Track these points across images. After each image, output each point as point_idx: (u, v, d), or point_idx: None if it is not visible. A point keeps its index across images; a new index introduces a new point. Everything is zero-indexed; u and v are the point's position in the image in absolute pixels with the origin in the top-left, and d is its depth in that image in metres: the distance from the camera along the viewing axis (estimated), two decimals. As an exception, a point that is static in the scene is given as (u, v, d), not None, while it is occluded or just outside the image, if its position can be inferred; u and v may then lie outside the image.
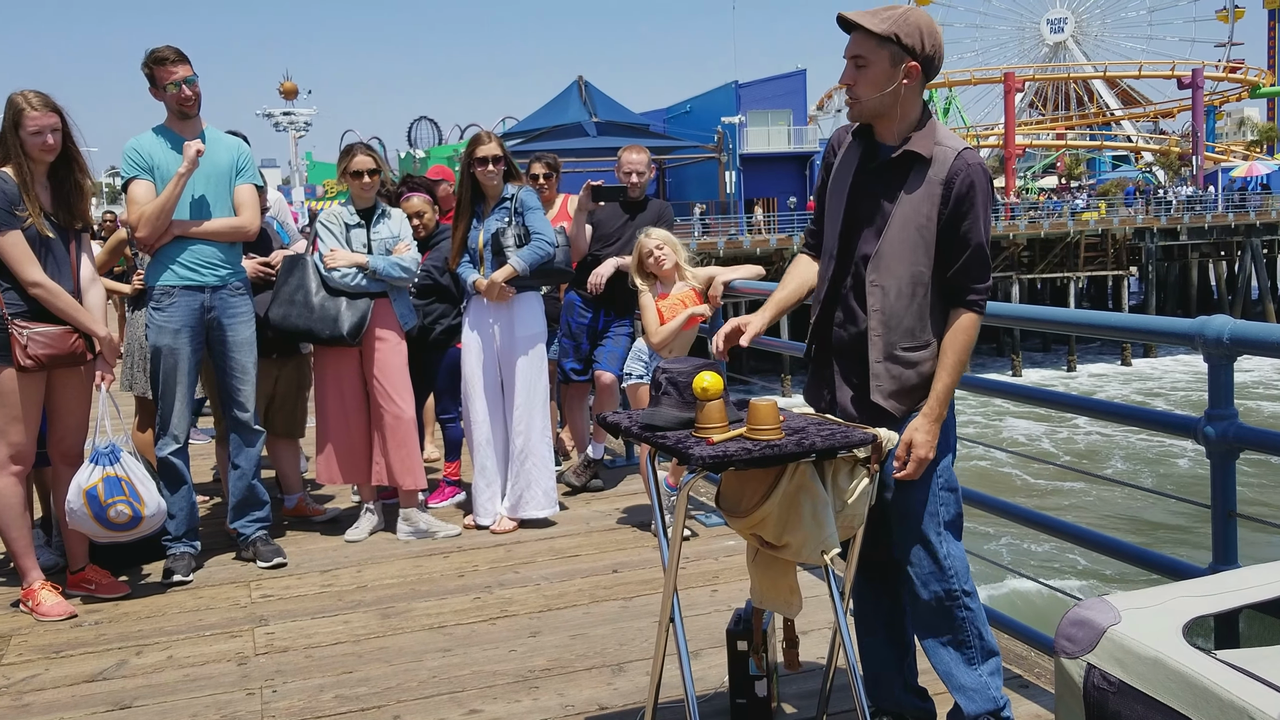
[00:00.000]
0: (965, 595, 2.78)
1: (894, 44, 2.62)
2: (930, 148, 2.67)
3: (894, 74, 2.65)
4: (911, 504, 2.76)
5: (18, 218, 4.21)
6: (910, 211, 2.67)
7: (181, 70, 4.63)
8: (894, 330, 2.70)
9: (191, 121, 4.74)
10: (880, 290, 2.70)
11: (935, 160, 2.66)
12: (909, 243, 2.67)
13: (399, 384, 5.20)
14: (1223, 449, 2.92)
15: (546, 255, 5.21)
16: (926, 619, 2.82)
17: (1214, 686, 1.62)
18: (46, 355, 4.27)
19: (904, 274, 2.68)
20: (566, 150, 32.76)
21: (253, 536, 5.00)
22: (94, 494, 4.29)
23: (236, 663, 3.83)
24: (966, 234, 2.66)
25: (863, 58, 2.65)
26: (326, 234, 5.19)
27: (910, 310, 2.69)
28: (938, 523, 2.76)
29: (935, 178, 2.65)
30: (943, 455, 2.77)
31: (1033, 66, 79.85)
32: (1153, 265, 41.92)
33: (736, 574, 4.50)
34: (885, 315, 2.70)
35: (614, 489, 6.12)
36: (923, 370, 2.73)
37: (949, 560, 2.76)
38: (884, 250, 2.69)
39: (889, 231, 2.69)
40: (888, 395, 2.72)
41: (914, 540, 2.77)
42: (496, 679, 3.59)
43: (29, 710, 3.49)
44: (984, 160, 2.75)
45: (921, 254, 2.67)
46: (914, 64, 2.65)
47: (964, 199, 2.64)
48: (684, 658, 2.68)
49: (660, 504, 2.91)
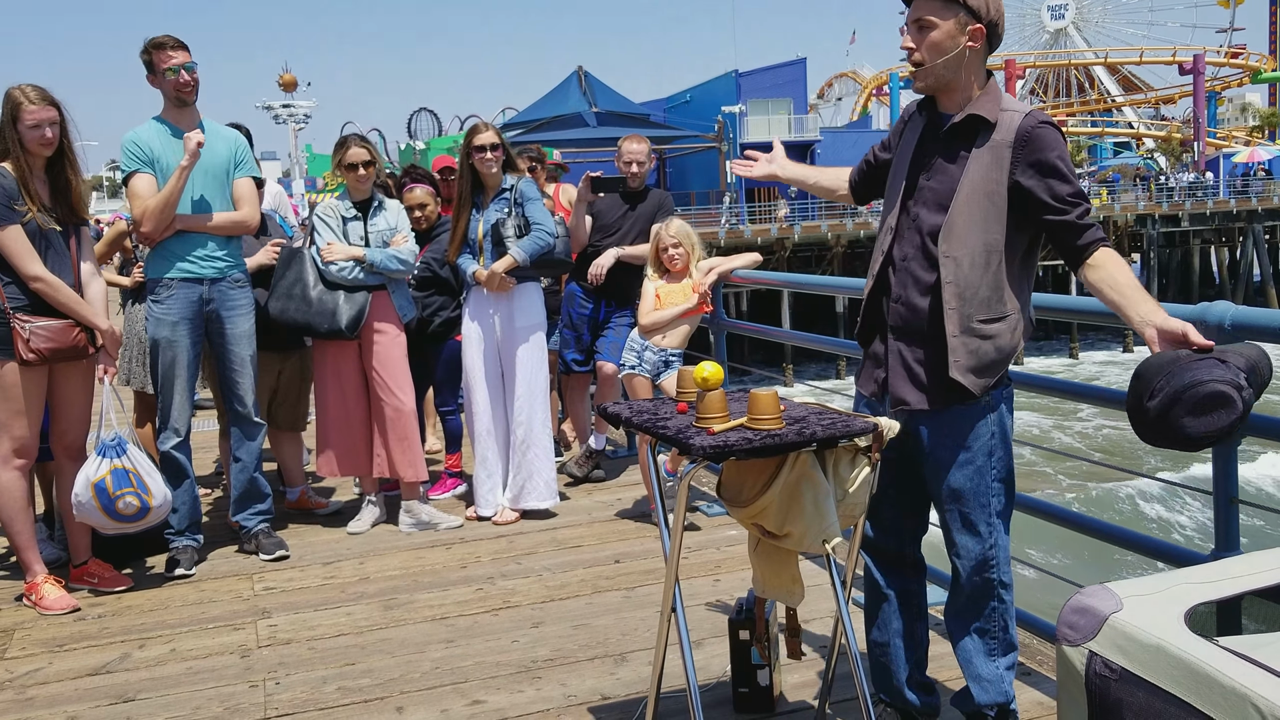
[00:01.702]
0: (1002, 588, 2.77)
1: (960, 5, 2.55)
2: (996, 112, 2.60)
3: (958, 38, 2.58)
4: (966, 496, 2.72)
5: (17, 212, 4.20)
6: (979, 178, 2.59)
7: (180, 56, 4.62)
8: (969, 302, 2.60)
9: (189, 111, 4.72)
10: (953, 261, 2.60)
11: (1001, 125, 2.58)
12: (980, 210, 2.59)
13: (399, 376, 5.20)
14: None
15: (547, 246, 5.20)
16: (960, 605, 2.82)
17: (1216, 673, 1.62)
18: (49, 349, 4.27)
19: (977, 243, 2.59)
20: (567, 141, 32.70)
21: (255, 529, 5.00)
22: (102, 486, 4.30)
23: (239, 655, 3.83)
24: (1054, 185, 2.55)
25: (927, 20, 2.58)
26: (323, 227, 5.17)
27: (985, 280, 2.60)
28: (989, 513, 2.73)
29: (1003, 141, 2.57)
30: (999, 446, 2.72)
31: (1033, 53, 79.60)
32: (1154, 252, 41.81)
33: (738, 563, 4.51)
34: (960, 287, 2.60)
35: (616, 479, 6.12)
36: (1000, 344, 2.63)
37: (994, 551, 2.74)
38: (954, 219, 2.60)
39: (958, 200, 2.60)
40: (966, 370, 2.61)
41: (964, 532, 2.74)
42: (499, 669, 3.59)
43: (33, 704, 3.50)
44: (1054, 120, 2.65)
45: (994, 221, 2.59)
46: (979, 26, 2.58)
47: (1041, 156, 2.54)
48: (686, 647, 2.68)
49: (661, 494, 2.90)
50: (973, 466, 2.71)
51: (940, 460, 2.72)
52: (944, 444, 2.69)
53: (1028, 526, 2.89)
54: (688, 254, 4.98)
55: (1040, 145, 2.55)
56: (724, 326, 5.91)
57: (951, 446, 2.69)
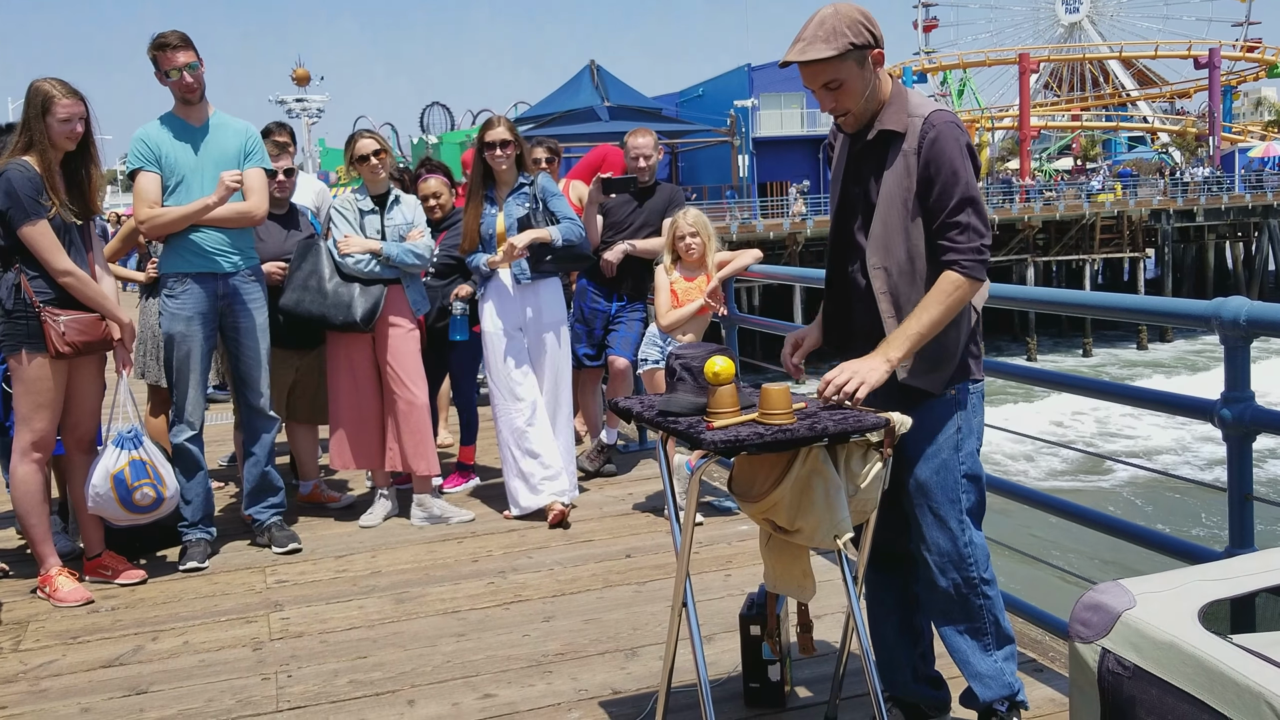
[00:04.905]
0: (984, 583, 2.77)
1: (853, 50, 2.59)
2: (904, 121, 2.66)
3: (866, 73, 2.64)
4: (932, 490, 2.74)
5: (44, 206, 4.21)
6: (894, 188, 2.66)
7: (183, 56, 4.61)
8: (904, 309, 2.67)
9: (198, 108, 4.73)
10: (884, 272, 2.69)
11: (909, 132, 2.65)
12: (899, 219, 2.66)
13: (412, 370, 5.20)
14: (1239, 431, 2.89)
15: (581, 236, 5.21)
16: (943, 606, 2.82)
17: (1230, 671, 1.61)
18: (82, 341, 4.29)
19: (901, 251, 2.67)
20: (579, 135, 32.64)
21: (268, 522, 5.02)
22: (121, 478, 4.34)
23: (252, 648, 3.85)
24: (942, 192, 2.61)
25: (834, 80, 2.63)
26: (340, 220, 5.19)
27: (915, 286, 2.67)
28: (959, 510, 2.75)
29: (910, 148, 2.64)
30: (966, 442, 2.75)
31: (1048, 47, 79.23)
32: (1169, 247, 41.61)
33: (749, 558, 4.50)
34: (893, 295, 2.69)
35: (627, 474, 6.12)
36: (944, 340, 2.68)
37: (969, 548, 2.75)
38: (877, 232, 2.69)
39: (879, 212, 2.68)
40: (916, 374, 2.69)
41: (934, 527, 2.76)
42: (510, 663, 3.60)
43: (46, 695, 3.52)
44: (955, 115, 2.70)
45: (913, 228, 2.66)
46: (876, 52, 2.64)
47: (932, 160, 2.61)
48: (697, 642, 2.68)
49: (674, 489, 2.90)
50: (938, 459, 2.74)
51: (907, 454, 2.75)
52: (911, 438, 2.71)
53: (1038, 522, 2.88)
54: (704, 244, 4.99)
55: (934, 149, 2.61)
56: (735, 321, 5.90)
57: (917, 440, 2.72)
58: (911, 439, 2.71)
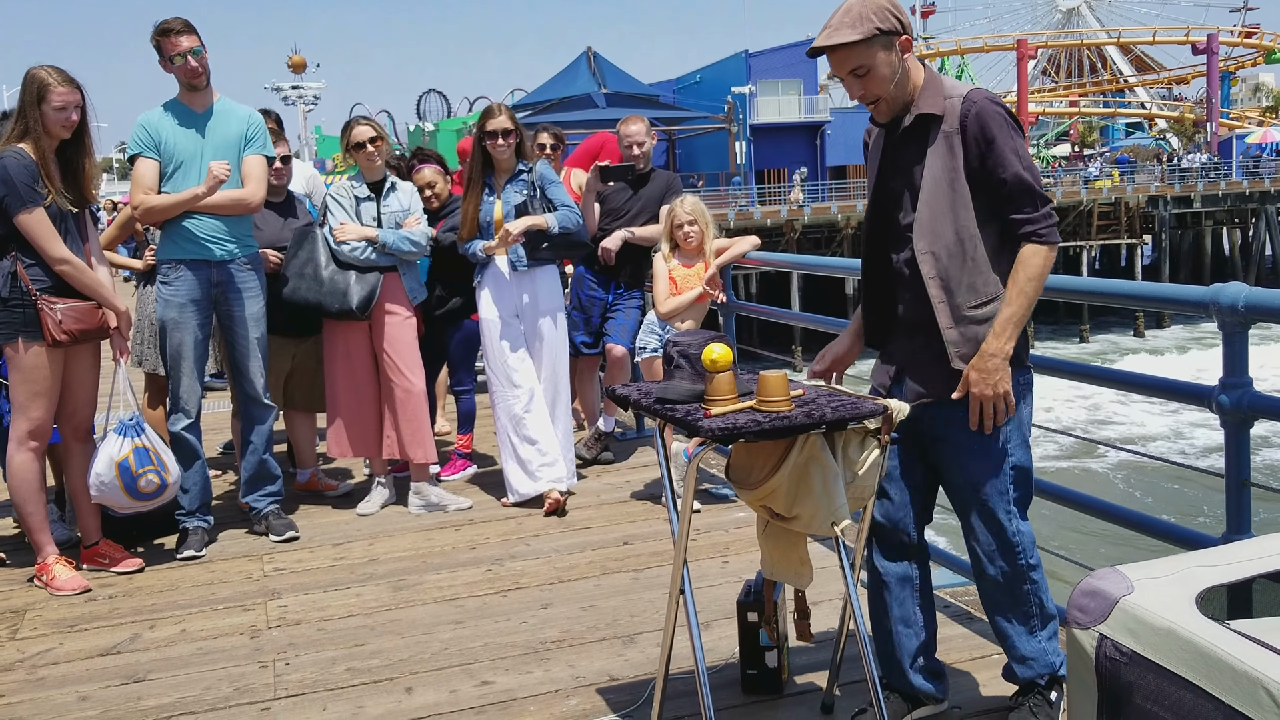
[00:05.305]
0: (1031, 569, 2.79)
1: (879, 35, 2.60)
2: (940, 103, 2.66)
3: (894, 59, 2.64)
4: (982, 480, 2.73)
5: (40, 194, 4.20)
6: (939, 170, 2.66)
7: (187, 41, 4.60)
8: (955, 292, 2.67)
9: (202, 94, 4.72)
10: (931, 256, 2.67)
11: (948, 113, 2.65)
12: (945, 201, 2.65)
13: (409, 358, 5.20)
14: (1237, 418, 2.90)
15: (578, 224, 5.20)
16: (992, 594, 2.84)
17: (1227, 656, 1.61)
18: (79, 330, 4.29)
19: (949, 234, 2.66)
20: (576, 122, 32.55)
21: (265, 510, 5.01)
22: (125, 465, 4.35)
23: (249, 636, 3.85)
24: (995, 169, 2.61)
25: (861, 66, 2.64)
26: (336, 207, 5.17)
27: (966, 268, 2.66)
28: (1007, 501, 2.75)
29: (950, 129, 2.64)
30: (1015, 433, 2.74)
31: (1045, 33, 79.00)
32: (1166, 233, 41.60)
33: (747, 545, 4.51)
34: (943, 280, 2.67)
35: (624, 462, 6.12)
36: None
37: (1017, 537, 2.76)
38: (923, 217, 2.68)
39: (923, 196, 2.67)
40: (968, 359, 2.67)
41: (983, 518, 2.76)
42: (508, 651, 3.60)
43: (44, 684, 3.52)
44: (994, 94, 2.71)
45: (961, 209, 2.65)
46: (904, 38, 2.65)
47: (980, 137, 2.61)
48: (694, 629, 2.69)
49: (671, 476, 2.90)
50: (989, 454, 2.72)
51: (957, 448, 2.74)
52: (961, 432, 2.70)
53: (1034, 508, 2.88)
54: (702, 231, 4.99)
55: (980, 125, 2.61)
56: (733, 308, 5.89)
57: (968, 434, 2.70)
58: (964, 433, 2.70)
